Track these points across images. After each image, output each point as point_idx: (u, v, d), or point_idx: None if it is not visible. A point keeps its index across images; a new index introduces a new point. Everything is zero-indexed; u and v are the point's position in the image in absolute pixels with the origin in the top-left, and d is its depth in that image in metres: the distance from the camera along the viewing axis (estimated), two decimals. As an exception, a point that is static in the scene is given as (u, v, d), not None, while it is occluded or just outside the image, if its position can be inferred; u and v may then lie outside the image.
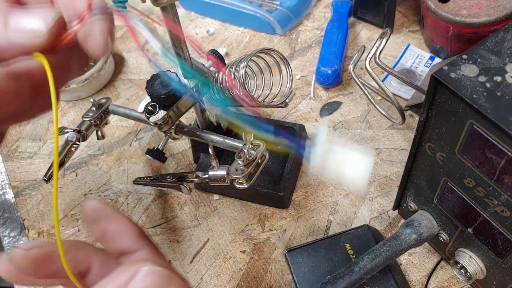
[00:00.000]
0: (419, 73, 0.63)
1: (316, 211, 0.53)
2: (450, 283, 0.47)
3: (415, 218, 0.43)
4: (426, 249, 0.49)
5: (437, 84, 0.32)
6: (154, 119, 0.43)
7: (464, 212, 0.38)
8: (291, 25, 0.73)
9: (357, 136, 0.59)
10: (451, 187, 0.38)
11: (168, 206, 0.57)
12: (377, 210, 0.52)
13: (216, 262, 0.51)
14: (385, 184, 0.54)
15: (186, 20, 0.79)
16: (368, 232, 0.48)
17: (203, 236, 0.54)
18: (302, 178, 0.56)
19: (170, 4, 0.38)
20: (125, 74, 0.73)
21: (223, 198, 0.56)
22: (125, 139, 0.64)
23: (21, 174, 0.62)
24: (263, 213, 0.54)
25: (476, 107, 0.29)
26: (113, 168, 0.61)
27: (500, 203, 0.33)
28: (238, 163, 0.42)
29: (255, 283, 0.50)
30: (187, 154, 0.61)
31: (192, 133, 0.48)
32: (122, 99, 0.69)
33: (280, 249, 0.51)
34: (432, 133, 0.36)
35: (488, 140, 0.30)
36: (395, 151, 0.57)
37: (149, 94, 0.43)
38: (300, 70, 0.67)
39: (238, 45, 0.73)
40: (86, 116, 0.52)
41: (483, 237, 0.38)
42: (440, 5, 0.57)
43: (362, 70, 0.65)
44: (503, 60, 0.31)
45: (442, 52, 0.63)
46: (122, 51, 0.76)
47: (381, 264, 0.41)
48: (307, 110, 0.63)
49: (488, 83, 0.30)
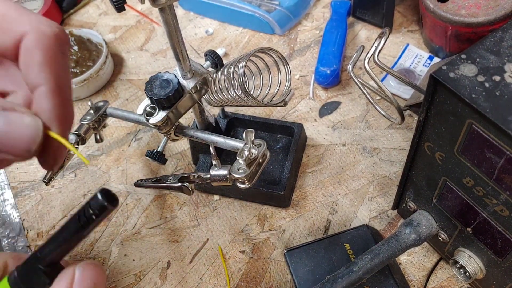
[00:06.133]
0: (418, 72, 0.63)
1: (316, 211, 0.54)
2: (450, 283, 0.47)
3: (414, 217, 0.43)
4: (425, 248, 0.49)
5: (436, 84, 0.32)
6: (154, 120, 0.43)
7: (463, 212, 0.38)
8: (290, 25, 0.73)
9: (356, 136, 0.59)
10: (450, 186, 0.38)
11: (168, 207, 0.57)
12: (377, 210, 0.53)
13: (216, 262, 0.51)
14: (384, 184, 0.54)
15: (185, 20, 0.79)
16: (367, 232, 0.48)
17: (202, 236, 0.54)
18: (302, 178, 0.56)
19: (169, 5, 0.38)
20: (124, 74, 0.73)
21: (222, 198, 0.56)
22: (124, 140, 0.64)
23: (20, 174, 0.62)
24: (262, 213, 0.54)
25: (475, 106, 0.29)
26: (112, 168, 0.61)
27: (499, 203, 0.33)
28: (240, 162, 0.41)
29: (255, 283, 0.49)
30: (186, 154, 0.61)
31: (192, 134, 0.48)
32: (121, 100, 0.69)
33: (280, 249, 0.51)
34: (431, 132, 0.36)
35: (487, 139, 0.30)
36: (394, 151, 0.57)
37: (149, 96, 0.42)
38: (299, 70, 0.67)
39: (237, 45, 0.73)
40: (84, 119, 0.52)
41: (482, 237, 0.38)
42: (439, 5, 0.57)
43: (361, 70, 0.65)
44: (502, 59, 0.31)
45: (441, 51, 0.63)
46: (121, 52, 0.76)
47: (380, 264, 0.41)
48: (306, 110, 0.63)
49: (487, 83, 0.30)
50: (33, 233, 0.57)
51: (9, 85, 0.30)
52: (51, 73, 0.27)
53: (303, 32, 0.72)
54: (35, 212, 0.59)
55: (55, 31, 0.28)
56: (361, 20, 0.71)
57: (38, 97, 0.27)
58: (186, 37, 0.76)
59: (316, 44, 0.70)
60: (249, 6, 0.73)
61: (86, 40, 0.73)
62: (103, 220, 0.26)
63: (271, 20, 0.71)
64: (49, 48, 0.27)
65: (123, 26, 0.80)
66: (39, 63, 0.27)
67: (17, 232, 0.58)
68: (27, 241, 0.57)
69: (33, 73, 0.27)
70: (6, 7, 0.27)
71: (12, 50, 0.28)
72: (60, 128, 0.27)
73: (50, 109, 0.27)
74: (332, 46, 0.65)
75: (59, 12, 0.82)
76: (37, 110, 0.27)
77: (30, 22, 0.27)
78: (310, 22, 0.74)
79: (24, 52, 0.27)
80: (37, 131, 0.25)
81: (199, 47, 0.74)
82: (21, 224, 0.58)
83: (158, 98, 0.42)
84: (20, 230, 0.58)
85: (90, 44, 0.73)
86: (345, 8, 0.71)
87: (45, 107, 0.27)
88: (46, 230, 0.57)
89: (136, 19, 0.81)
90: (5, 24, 0.27)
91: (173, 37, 0.41)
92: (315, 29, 0.72)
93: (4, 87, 0.30)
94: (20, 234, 0.57)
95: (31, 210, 0.59)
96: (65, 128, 0.28)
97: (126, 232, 0.55)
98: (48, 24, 0.28)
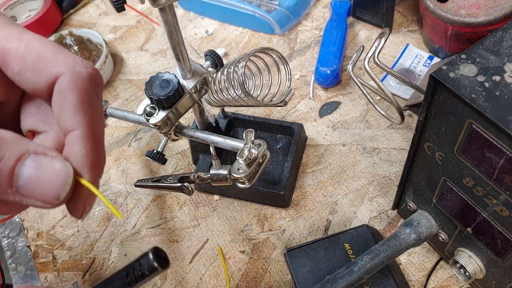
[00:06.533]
0: (418, 72, 0.63)
1: (316, 211, 0.53)
2: (450, 283, 0.47)
3: (414, 217, 0.43)
4: (425, 248, 0.49)
5: (436, 84, 0.32)
6: (154, 120, 0.43)
7: (463, 212, 0.38)
8: (290, 25, 0.73)
9: (356, 136, 0.59)
10: (450, 186, 0.38)
11: (168, 207, 0.57)
12: (376, 209, 0.53)
13: (216, 262, 0.51)
14: (384, 184, 0.54)
15: (185, 20, 0.79)
16: (367, 232, 0.48)
17: (202, 236, 0.54)
18: (301, 178, 0.56)
19: (169, 5, 0.38)
20: (124, 74, 0.73)
21: (222, 198, 0.56)
22: (124, 140, 0.64)
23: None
24: (262, 213, 0.54)
25: (475, 106, 0.29)
26: (112, 168, 0.61)
27: (499, 203, 0.33)
28: (240, 162, 0.42)
29: (255, 283, 0.49)
30: (186, 154, 0.61)
31: (192, 134, 0.48)
32: (121, 99, 0.69)
33: (280, 249, 0.51)
34: (431, 132, 0.36)
35: (487, 139, 0.30)
36: (394, 151, 0.57)
37: (149, 96, 0.42)
38: (299, 70, 0.67)
39: (237, 45, 0.73)
40: None
41: (482, 237, 0.38)
42: (439, 5, 0.57)
43: (361, 70, 0.65)
44: (502, 59, 0.31)
45: (441, 51, 0.63)
46: (121, 52, 0.76)
47: (380, 264, 0.41)
48: (306, 110, 0.63)
49: (487, 83, 0.30)
50: (33, 233, 0.57)
51: (40, 124, 0.29)
52: (85, 116, 0.26)
53: (303, 32, 0.72)
54: (35, 212, 0.59)
55: (90, 73, 0.27)
56: (361, 20, 0.71)
57: (70, 141, 0.26)
58: (186, 37, 0.76)
59: (316, 44, 0.70)
60: (249, 6, 0.73)
61: (86, 40, 0.73)
62: (150, 279, 0.25)
63: (271, 20, 0.71)
64: (84, 90, 0.26)
65: (123, 26, 0.80)
66: (73, 106, 0.26)
67: (17, 232, 0.58)
68: (27, 241, 0.57)
69: (67, 116, 0.26)
70: (42, 46, 0.27)
71: (45, 90, 0.27)
72: (91, 174, 0.26)
73: (83, 154, 0.26)
74: (332, 46, 0.65)
75: (59, 12, 0.82)
76: (68, 154, 0.26)
77: (65, 63, 0.26)
78: (310, 22, 0.74)
79: (58, 93, 0.26)
80: (68, 178, 0.25)
81: (199, 47, 0.74)
82: (21, 224, 0.58)
83: (158, 98, 0.42)
84: (20, 230, 0.58)
85: (90, 44, 0.73)
86: (345, 8, 0.71)
87: (77, 152, 0.26)
88: (46, 230, 0.57)
89: (136, 19, 0.81)
90: (40, 64, 0.26)
91: (173, 37, 0.41)
92: (315, 29, 0.72)
93: (35, 126, 0.29)
94: (20, 234, 0.57)
95: (31, 210, 0.59)
96: (96, 174, 0.27)
97: (126, 232, 0.55)
98: (83, 65, 0.27)
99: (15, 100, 0.30)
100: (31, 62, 0.26)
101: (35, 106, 0.30)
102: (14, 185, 0.24)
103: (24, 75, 0.27)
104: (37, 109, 0.30)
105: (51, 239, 0.56)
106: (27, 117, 0.30)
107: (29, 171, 0.24)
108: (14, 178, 0.24)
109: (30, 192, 0.24)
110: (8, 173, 0.23)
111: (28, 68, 0.26)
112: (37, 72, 0.26)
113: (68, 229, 0.57)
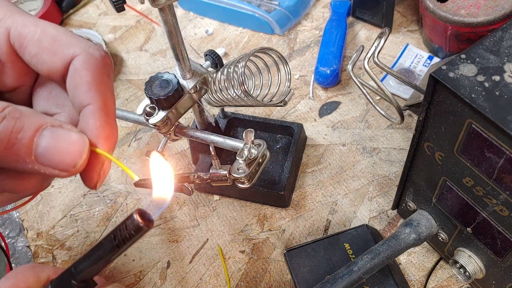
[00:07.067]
0: (417, 72, 0.63)
1: (315, 211, 0.54)
2: (449, 283, 0.47)
3: (414, 217, 0.43)
4: (425, 248, 0.49)
5: (436, 84, 0.32)
6: (154, 120, 0.43)
7: (463, 212, 0.38)
8: (290, 25, 0.73)
9: (356, 136, 0.59)
10: (450, 186, 0.38)
11: (167, 207, 0.57)
12: (376, 209, 0.53)
13: (216, 262, 0.51)
14: (384, 184, 0.54)
15: (185, 20, 0.79)
16: (367, 232, 0.48)
17: (202, 236, 0.54)
18: (301, 178, 0.56)
19: (169, 5, 0.38)
20: (123, 74, 0.73)
21: (222, 198, 0.56)
22: (124, 140, 0.64)
23: (20, 175, 0.62)
24: (262, 213, 0.54)
25: (475, 106, 0.29)
26: (112, 168, 0.61)
27: (499, 203, 0.33)
28: (240, 162, 0.42)
29: (254, 283, 0.49)
30: (185, 154, 0.61)
31: (192, 134, 0.48)
32: (121, 100, 0.69)
33: (279, 249, 0.51)
34: (431, 132, 0.36)
35: (487, 139, 0.30)
36: (394, 151, 0.57)
37: (148, 96, 0.42)
38: (298, 70, 0.67)
39: (237, 45, 0.73)
40: None
41: (482, 237, 0.38)
42: (439, 5, 0.57)
43: (360, 70, 0.65)
44: (502, 59, 0.31)
45: (441, 51, 0.63)
46: (121, 52, 0.76)
47: (380, 264, 0.41)
48: (306, 110, 0.63)
49: (487, 83, 0.30)
50: (33, 233, 0.57)
51: (52, 107, 0.31)
52: (99, 92, 0.28)
53: (303, 32, 0.72)
54: (35, 212, 0.59)
55: (102, 54, 0.29)
56: (360, 20, 0.71)
57: (85, 115, 0.28)
58: (186, 37, 0.76)
59: (315, 44, 0.70)
60: (249, 6, 0.73)
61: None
62: (137, 240, 0.26)
63: (270, 20, 0.71)
64: (97, 69, 0.28)
65: (123, 26, 0.80)
66: (87, 83, 0.28)
67: (17, 232, 0.58)
68: (27, 241, 0.57)
69: (82, 92, 0.28)
70: (57, 31, 0.29)
71: (61, 71, 0.29)
72: (105, 145, 0.28)
73: (97, 126, 0.28)
74: (331, 46, 0.65)
75: (58, 12, 0.82)
76: (83, 127, 0.28)
77: (79, 45, 0.28)
78: (309, 22, 0.74)
79: (73, 72, 0.28)
80: (84, 146, 0.26)
81: (199, 47, 0.74)
82: (21, 224, 0.58)
83: (158, 98, 0.42)
84: (20, 230, 0.58)
85: (90, 44, 0.73)
86: (344, 8, 0.71)
87: (92, 125, 0.28)
88: (46, 230, 0.57)
89: (136, 19, 0.81)
90: (56, 46, 0.28)
91: (173, 37, 0.41)
92: (314, 29, 0.72)
93: (48, 109, 0.31)
94: (20, 234, 0.57)
95: (31, 210, 0.59)
96: (110, 146, 0.28)
97: (126, 232, 0.55)
98: (96, 48, 0.29)
99: (28, 86, 0.32)
100: (48, 44, 0.28)
101: (47, 91, 0.32)
102: (33, 154, 0.25)
103: (41, 57, 0.29)
104: (49, 93, 0.31)
105: (51, 239, 0.56)
106: (40, 101, 0.32)
107: (47, 141, 0.25)
108: (33, 147, 0.25)
109: (49, 160, 0.26)
110: (27, 142, 0.25)
111: (45, 50, 0.28)
112: (53, 53, 0.28)
113: (68, 229, 0.57)
